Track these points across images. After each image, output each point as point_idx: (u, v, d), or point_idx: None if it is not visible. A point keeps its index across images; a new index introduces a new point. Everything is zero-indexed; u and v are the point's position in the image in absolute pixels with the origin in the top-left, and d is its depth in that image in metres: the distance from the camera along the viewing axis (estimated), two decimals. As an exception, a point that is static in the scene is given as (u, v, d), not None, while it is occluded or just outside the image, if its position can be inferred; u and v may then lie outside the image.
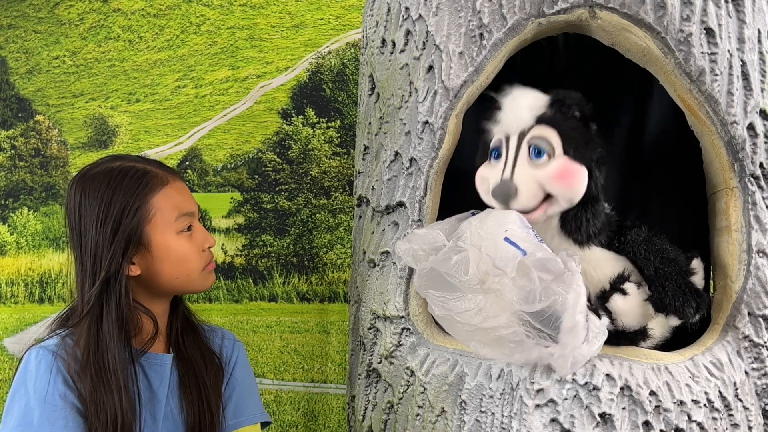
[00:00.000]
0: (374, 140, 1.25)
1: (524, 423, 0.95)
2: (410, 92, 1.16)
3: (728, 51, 1.03)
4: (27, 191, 2.26)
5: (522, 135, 1.03)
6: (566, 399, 0.94)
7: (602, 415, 0.93)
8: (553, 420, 0.94)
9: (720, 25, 1.03)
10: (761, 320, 1.03)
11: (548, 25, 1.09)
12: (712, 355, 1.01)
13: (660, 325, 1.06)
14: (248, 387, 1.26)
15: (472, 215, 1.07)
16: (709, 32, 1.03)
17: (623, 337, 1.05)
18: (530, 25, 1.08)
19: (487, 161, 1.09)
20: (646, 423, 0.94)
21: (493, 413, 0.98)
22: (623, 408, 0.94)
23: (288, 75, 2.13)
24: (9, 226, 2.26)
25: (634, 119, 1.33)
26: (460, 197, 1.13)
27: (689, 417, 0.95)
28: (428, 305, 1.02)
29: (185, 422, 1.15)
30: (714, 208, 1.13)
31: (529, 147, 1.02)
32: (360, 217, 1.30)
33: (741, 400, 1.00)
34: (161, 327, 1.18)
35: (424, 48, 1.14)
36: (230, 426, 1.20)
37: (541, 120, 1.02)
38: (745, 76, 1.04)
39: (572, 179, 1.01)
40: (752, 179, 1.05)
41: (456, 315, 0.97)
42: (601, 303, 1.03)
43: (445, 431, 1.02)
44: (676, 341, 1.08)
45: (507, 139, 1.04)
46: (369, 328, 1.18)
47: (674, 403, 0.95)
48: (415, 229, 1.09)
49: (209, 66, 2.18)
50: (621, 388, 0.95)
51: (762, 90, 1.05)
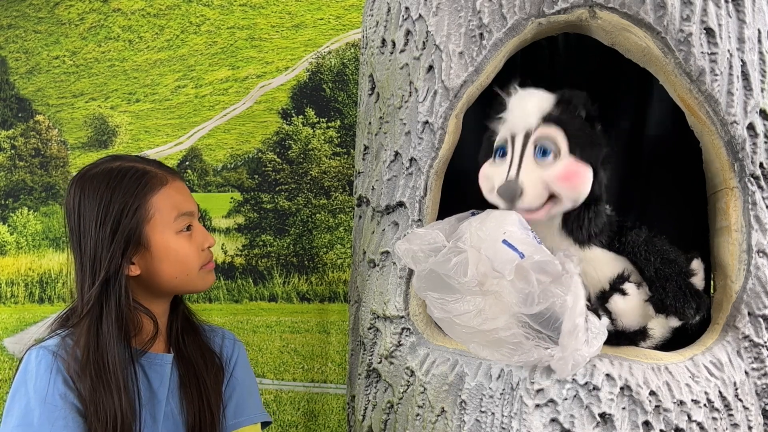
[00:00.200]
0: (374, 140, 1.25)
1: (524, 423, 0.95)
2: (410, 92, 1.16)
3: (728, 51, 1.03)
4: (27, 191, 2.26)
5: (528, 134, 1.03)
6: (566, 399, 0.94)
7: (602, 415, 0.93)
8: (553, 420, 0.94)
9: (720, 25, 1.03)
10: (761, 320, 1.03)
11: (548, 25, 1.09)
12: (712, 355, 1.01)
13: (660, 326, 1.06)
14: (248, 387, 1.26)
15: (472, 215, 1.07)
16: (709, 32, 1.03)
17: (623, 337, 1.05)
18: (530, 25, 1.08)
19: (492, 159, 1.09)
20: (646, 423, 0.94)
21: (493, 413, 0.98)
22: (623, 408, 0.94)
23: (288, 75, 2.13)
24: (9, 226, 2.26)
25: (634, 119, 1.33)
26: (460, 197, 1.13)
27: (689, 417, 0.95)
28: (427, 307, 1.02)
29: (185, 422, 1.15)
30: (714, 208, 1.13)
31: (535, 146, 1.02)
32: (360, 217, 1.30)
33: (741, 400, 1.00)
34: (161, 327, 1.18)
35: (424, 48, 1.14)
36: (230, 426, 1.20)
37: (548, 120, 1.02)
38: (745, 76, 1.04)
39: (578, 180, 1.01)
40: (752, 179, 1.05)
41: (455, 317, 0.97)
42: (601, 303, 1.03)
43: (445, 431, 1.02)
44: (676, 341, 1.08)
45: (513, 138, 1.04)
46: (369, 328, 1.18)
47: (674, 403, 0.95)
48: (415, 229, 1.09)
49: (209, 66, 2.18)
50: (621, 388, 0.95)
51: (762, 90, 1.05)
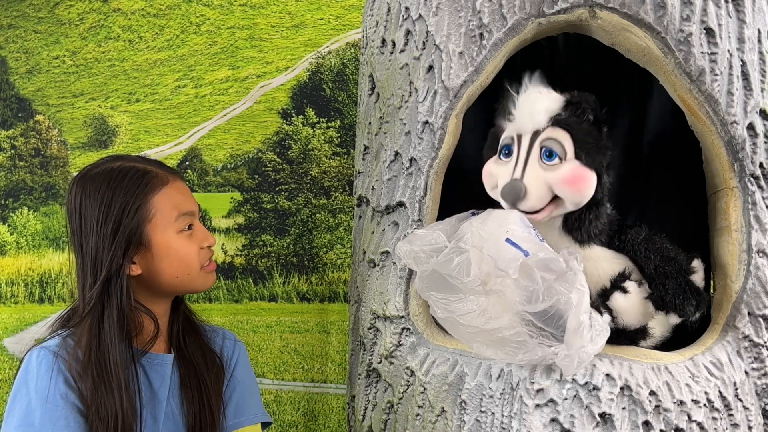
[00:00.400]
0: (374, 140, 1.25)
1: (524, 423, 0.95)
2: (410, 92, 1.16)
3: (728, 51, 1.03)
4: (27, 191, 2.26)
5: (535, 135, 1.03)
6: (566, 399, 0.94)
7: (602, 415, 0.93)
8: (553, 420, 0.94)
9: (720, 25, 1.03)
10: (761, 320, 1.03)
11: (548, 25, 1.09)
12: (712, 355, 1.01)
13: (660, 325, 1.06)
14: (249, 387, 1.26)
15: (473, 215, 1.07)
16: (709, 32, 1.03)
17: (623, 336, 1.05)
18: (530, 25, 1.08)
19: (497, 157, 1.09)
20: (646, 423, 0.94)
21: (493, 413, 0.98)
22: (623, 408, 0.94)
23: (288, 75, 2.13)
24: (9, 226, 2.26)
25: (634, 119, 1.33)
26: (460, 197, 1.13)
27: (689, 417, 0.95)
28: (430, 308, 1.02)
29: (186, 422, 1.15)
30: (714, 208, 1.13)
31: (541, 148, 1.02)
32: (360, 217, 1.30)
33: (741, 400, 1.00)
34: (162, 327, 1.18)
35: (424, 48, 1.14)
36: (231, 426, 1.20)
37: (556, 122, 1.02)
38: (745, 76, 1.04)
39: (582, 184, 1.01)
40: (752, 179, 1.05)
41: (458, 317, 0.96)
42: (602, 301, 1.04)
43: (445, 431, 1.02)
44: (676, 341, 1.08)
45: (519, 138, 1.04)
46: (369, 328, 1.18)
47: (674, 403, 0.95)
48: (416, 230, 1.09)
49: (209, 66, 2.18)
50: (621, 388, 0.95)
51: (762, 90, 1.05)
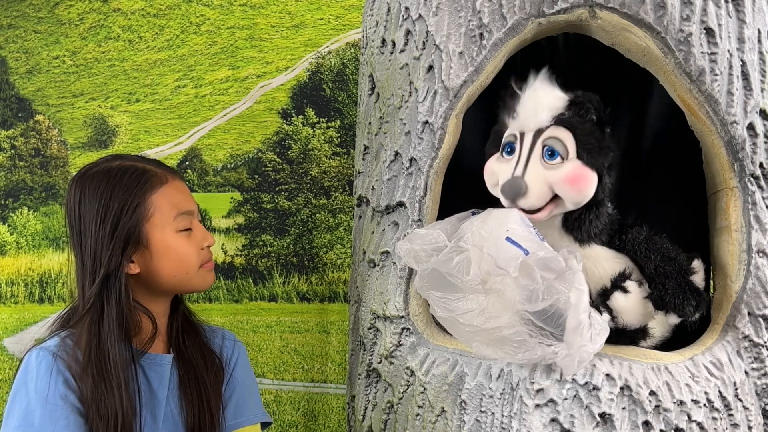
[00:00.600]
0: (374, 140, 1.25)
1: (524, 423, 0.95)
2: (410, 92, 1.16)
3: (728, 51, 1.03)
4: (27, 191, 2.26)
5: (538, 134, 1.03)
6: (566, 399, 0.94)
7: (602, 415, 0.93)
8: (553, 420, 0.94)
9: (720, 25, 1.03)
10: (761, 320, 1.03)
11: (548, 25, 1.09)
12: (712, 355, 1.01)
13: (660, 325, 1.06)
14: (248, 387, 1.26)
15: (473, 215, 1.07)
16: (709, 32, 1.03)
17: (624, 336, 1.05)
18: (530, 25, 1.08)
19: (498, 154, 1.09)
20: (646, 423, 0.94)
21: (493, 413, 0.98)
22: (623, 408, 0.94)
23: (288, 75, 2.13)
24: (9, 226, 2.26)
25: (634, 119, 1.33)
26: (460, 197, 1.13)
27: (689, 417, 0.95)
28: (430, 306, 1.02)
29: (185, 422, 1.15)
30: (714, 208, 1.13)
31: (544, 147, 1.02)
32: (360, 217, 1.30)
33: (741, 400, 1.00)
34: (161, 327, 1.18)
35: (424, 48, 1.14)
36: (230, 426, 1.20)
37: (559, 121, 1.02)
38: (745, 76, 1.04)
39: (583, 184, 1.01)
40: (752, 179, 1.05)
41: (458, 316, 0.96)
42: (602, 300, 1.04)
43: (445, 431, 1.02)
44: (676, 341, 1.08)
45: (522, 136, 1.04)
46: (369, 328, 1.18)
47: (674, 403, 0.95)
48: (416, 229, 1.09)
49: (209, 66, 2.18)
50: (621, 388, 0.95)
51: (762, 90, 1.05)
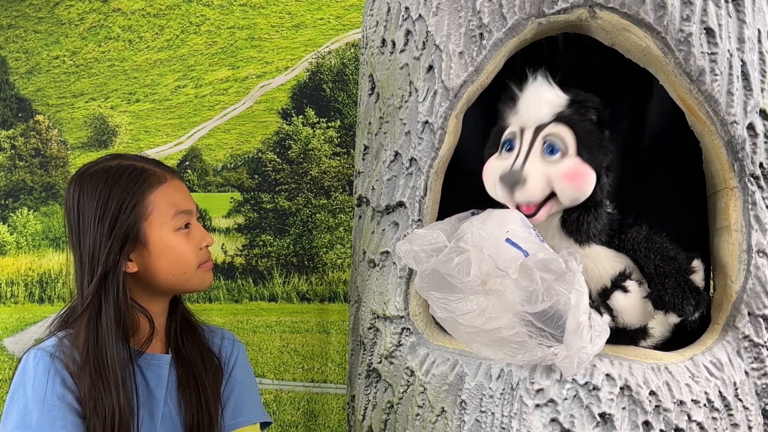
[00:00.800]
0: (374, 140, 1.25)
1: (524, 423, 0.95)
2: (410, 92, 1.16)
3: (728, 51, 1.03)
4: (27, 191, 2.26)
5: (538, 129, 1.03)
6: (566, 399, 0.94)
7: (602, 415, 0.93)
8: (553, 420, 0.94)
9: (720, 25, 1.03)
10: (761, 320, 1.03)
11: (548, 25, 1.09)
12: (712, 355, 1.01)
13: (660, 324, 1.06)
14: (248, 387, 1.26)
15: (472, 215, 1.07)
16: (709, 32, 1.02)
17: (624, 335, 1.05)
18: (530, 25, 1.08)
19: (498, 153, 1.09)
20: (646, 423, 0.94)
21: (493, 413, 0.98)
22: (623, 408, 0.94)
23: (288, 75, 2.13)
24: (9, 226, 2.26)
25: (634, 119, 1.33)
26: (460, 197, 1.13)
27: (689, 417, 0.95)
28: (430, 307, 1.02)
29: (183, 423, 1.15)
30: (714, 208, 1.13)
31: (544, 143, 1.02)
32: (360, 217, 1.30)
33: (741, 400, 1.00)
34: (159, 327, 1.18)
35: (424, 48, 1.14)
36: (229, 426, 1.20)
37: (560, 118, 1.03)
38: (745, 76, 1.04)
39: (581, 180, 1.01)
40: (752, 179, 1.05)
41: (458, 317, 0.96)
42: (603, 300, 1.04)
43: (445, 431, 1.02)
44: (676, 341, 1.08)
45: (522, 132, 1.05)
46: (369, 328, 1.18)
47: (674, 403, 0.95)
48: (416, 230, 1.09)
49: (209, 66, 2.18)
50: (621, 388, 0.95)
51: (762, 90, 1.05)
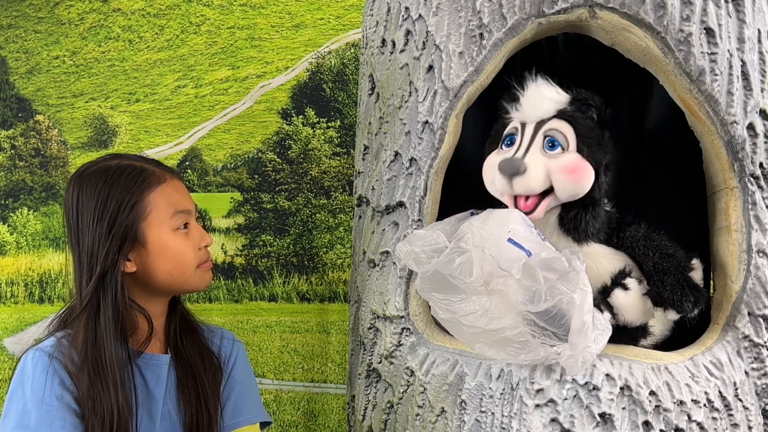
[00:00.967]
0: (374, 140, 1.25)
1: (524, 423, 0.95)
2: (410, 92, 1.16)
3: (728, 51, 1.03)
4: (27, 191, 2.26)
5: (539, 125, 1.04)
6: (566, 399, 0.94)
7: (602, 415, 0.93)
8: (553, 420, 0.94)
9: (720, 25, 1.03)
10: (761, 320, 1.03)
11: (548, 25, 1.09)
12: (712, 355, 1.01)
13: (660, 322, 1.06)
14: (247, 387, 1.26)
15: (471, 215, 1.07)
16: (709, 32, 1.03)
17: (624, 334, 1.05)
18: (530, 25, 1.08)
19: (498, 148, 1.09)
20: (646, 423, 0.94)
21: (493, 413, 0.98)
22: (623, 408, 0.94)
23: (288, 75, 2.13)
24: (9, 226, 2.26)
25: (634, 119, 1.33)
26: (460, 197, 1.13)
27: (689, 417, 0.95)
28: (432, 309, 1.02)
29: (183, 423, 1.14)
30: (714, 208, 1.13)
31: (545, 137, 1.03)
32: (360, 217, 1.30)
33: (741, 400, 1.00)
34: (158, 327, 1.18)
35: (424, 48, 1.14)
36: (229, 426, 1.20)
37: (561, 114, 1.04)
38: (745, 76, 1.04)
39: (580, 175, 1.02)
40: (752, 179, 1.05)
41: (461, 318, 0.96)
42: (603, 298, 1.04)
43: (445, 431, 1.02)
44: (676, 341, 1.08)
45: (523, 127, 1.06)
46: (369, 328, 1.18)
47: (674, 403, 0.95)
48: (415, 230, 1.09)
49: (209, 66, 2.18)
50: (621, 388, 0.95)
51: (762, 90, 1.05)
